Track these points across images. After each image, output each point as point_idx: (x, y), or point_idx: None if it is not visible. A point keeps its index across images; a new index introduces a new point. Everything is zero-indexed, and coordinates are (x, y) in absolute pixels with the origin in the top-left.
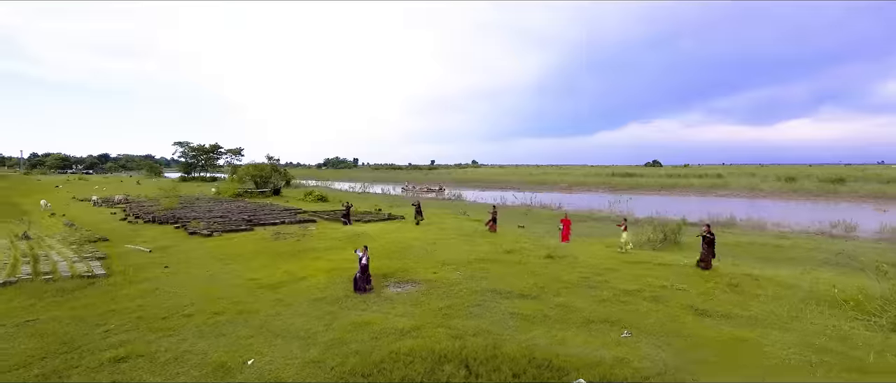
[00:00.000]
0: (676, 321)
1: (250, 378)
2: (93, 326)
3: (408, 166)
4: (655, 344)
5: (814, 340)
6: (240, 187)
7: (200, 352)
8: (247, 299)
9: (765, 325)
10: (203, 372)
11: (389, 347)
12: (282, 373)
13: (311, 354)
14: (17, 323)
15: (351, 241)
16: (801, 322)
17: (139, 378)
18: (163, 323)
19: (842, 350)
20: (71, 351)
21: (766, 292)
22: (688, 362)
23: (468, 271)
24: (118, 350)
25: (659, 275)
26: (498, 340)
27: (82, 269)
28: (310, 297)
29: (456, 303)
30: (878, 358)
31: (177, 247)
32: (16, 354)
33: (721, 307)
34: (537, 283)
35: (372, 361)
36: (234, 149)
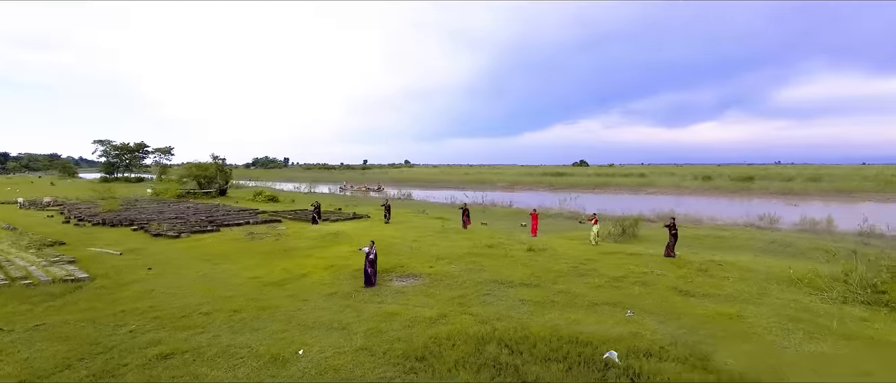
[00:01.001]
0: (667, 301)
1: (309, 367)
2: (112, 327)
3: (340, 166)
4: (658, 321)
5: (783, 312)
6: (181, 188)
7: (244, 346)
8: (259, 296)
9: (740, 301)
10: (260, 363)
11: (426, 333)
12: (337, 361)
13: (357, 343)
14: (26, 328)
15: (331, 240)
16: (768, 298)
17: (197, 371)
18: (185, 322)
19: (809, 318)
20: (106, 351)
21: (732, 275)
22: (690, 333)
23: (462, 264)
24: (158, 347)
25: (636, 264)
26: (521, 323)
27: (62, 274)
28: (321, 293)
29: (466, 293)
30: (841, 325)
31: (147, 249)
32: (49, 357)
33: (700, 288)
34: (532, 273)
35: (418, 346)
36: (163, 148)
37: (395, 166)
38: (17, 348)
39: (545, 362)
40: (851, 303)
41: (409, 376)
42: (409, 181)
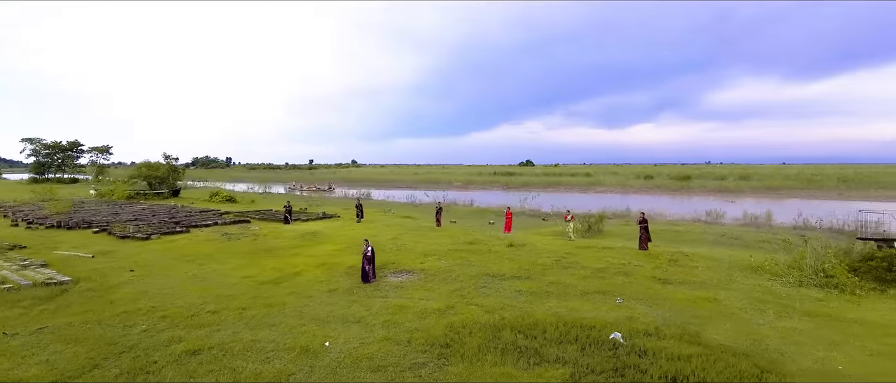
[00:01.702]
0: (650, 289)
1: (341, 356)
2: (122, 327)
3: (286, 166)
4: (646, 306)
5: (752, 294)
6: (130, 188)
7: (269, 340)
8: (261, 294)
9: (713, 287)
10: (292, 355)
11: (441, 323)
12: (366, 351)
13: (378, 334)
14: (29, 331)
15: (310, 239)
16: (736, 283)
17: (233, 365)
18: (197, 320)
19: (774, 300)
20: (127, 350)
21: (700, 264)
22: (676, 316)
23: (450, 260)
24: (181, 344)
25: (613, 256)
26: (525, 312)
27: (42, 277)
28: (321, 290)
29: (463, 286)
30: (802, 304)
31: (118, 251)
32: (71, 358)
33: (675, 276)
34: (520, 267)
35: (438, 335)
36: (100, 147)
37: (343, 166)
38: (30, 351)
39: (560, 344)
40: (806, 287)
41: (441, 361)
42: (360, 181)
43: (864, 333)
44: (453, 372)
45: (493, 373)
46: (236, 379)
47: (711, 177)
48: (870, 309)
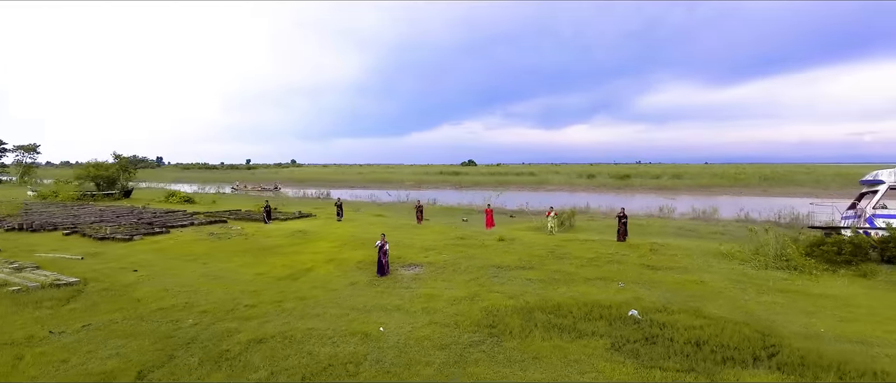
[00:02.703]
0: (642, 274)
1: (402, 339)
2: (169, 322)
3: (222, 165)
4: (645, 289)
5: (730, 277)
6: (77, 189)
7: (325, 328)
8: (286, 289)
9: (696, 271)
10: (356, 338)
11: (476, 308)
12: (421, 333)
13: (423, 319)
14: (74, 329)
15: (302, 237)
16: (714, 268)
17: (303, 349)
18: (240, 313)
19: (750, 280)
20: (190, 342)
21: (677, 253)
22: (674, 295)
23: (451, 254)
24: (241, 335)
25: (599, 248)
26: (544, 296)
27: (48, 280)
28: (342, 283)
29: (477, 277)
30: (774, 283)
31: (106, 253)
32: (138, 351)
33: (660, 263)
34: (519, 258)
35: (478, 318)
36: (27, 146)
37: (283, 166)
38: (91, 346)
39: (589, 321)
40: (771, 269)
41: (494, 339)
42: (308, 181)
43: (831, 304)
44: (510, 346)
45: (546, 346)
46: (318, 361)
47: (648, 175)
48: (828, 286)
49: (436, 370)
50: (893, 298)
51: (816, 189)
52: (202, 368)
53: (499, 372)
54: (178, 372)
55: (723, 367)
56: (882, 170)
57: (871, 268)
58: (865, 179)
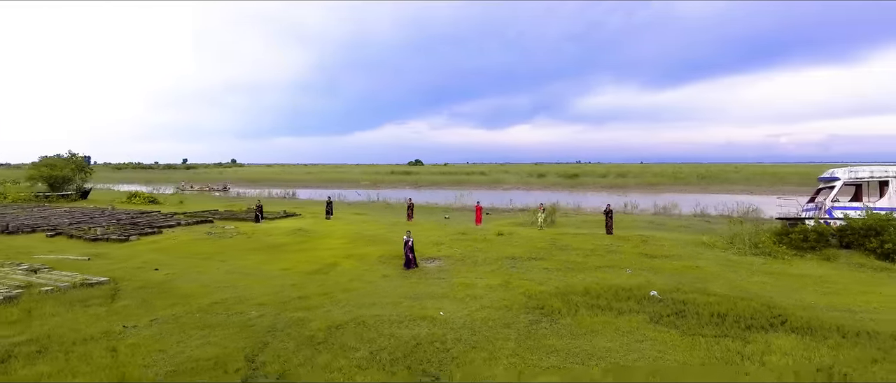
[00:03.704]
0: (643, 262)
1: (465, 321)
2: (234, 315)
3: (157, 165)
4: (651, 274)
5: (719, 262)
6: (30, 191)
7: (389, 314)
8: (325, 283)
9: (688, 259)
10: (425, 322)
11: (516, 294)
12: (480, 316)
13: (475, 305)
14: (145, 323)
15: (305, 236)
16: (702, 255)
17: (382, 331)
18: (296, 305)
19: (737, 265)
20: (270, 331)
21: (665, 244)
22: (679, 279)
23: (461, 248)
24: (316, 323)
25: (594, 240)
26: (568, 282)
27: (74, 280)
28: (375, 276)
29: (498, 267)
30: (757, 266)
31: (110, 253)
32: (228, 338)
33: (655, 252)
34: (527, 250)
35: (522, 302)
36: None
37: (224, 165)
38: (177, 336)
39: (620, 301)
40: (749, 255)
41: (549, 318)
42: (260, 181)
43: (811, 282)
44: (566, 323)
45: (596, 321)
46: (405, 342)
47: (594, 174)
48: (802, 268)
49: (515, 343)
50: (859, 276)
51: (749, 186)
52: (302, 350)
53: (570, 342)
54: (284, 355)
55: (749, 332)
56: (837, 169)
57: (833, 253)
58: (823, 176)
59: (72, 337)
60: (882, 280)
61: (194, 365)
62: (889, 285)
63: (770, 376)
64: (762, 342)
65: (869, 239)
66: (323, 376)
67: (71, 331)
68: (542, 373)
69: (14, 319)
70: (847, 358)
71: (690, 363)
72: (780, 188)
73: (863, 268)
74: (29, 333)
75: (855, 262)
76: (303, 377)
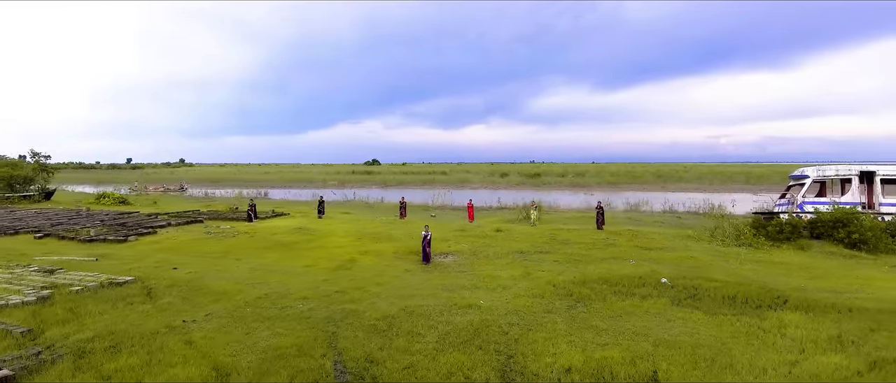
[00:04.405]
0: (643, 254)
1: (504, 309)
2: (285, 308)
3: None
4: (652, 264)
5: (708, 253)
6: None
7: (433, 304)
8: (356, 278)
9: (681, 250)
10: (471, 309)
11: (541, 283)
12: (516, 304)
13: (509, 294)
14: (199, 317)
15: (308, 234)
16: (692, 247)
17: (433, 320)
18: (338, 298)
19: (725, 255)
20: (329, 321)
21: (655, 237)
22: (679, 267)
23: (468, 244)
24: (367, 313)
25: (589, 235)
26: (583, 272)
27: (100, 279)
28: (398, 271)
29: (512, 260)
30: (744, 256)
31: (114, 254)
32: (296, 330)
33: (649, 245)
34: (531, 245)
35: (548, 290)
36: None
37: (173, 165)
38: (244, 329)
39: (638, 287)
40: (733, 246)
41: (583, 303)
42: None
43: (795, 269)
44: (599, 307)
45: (626, 305)
46: (463, 328)
47: (554, 174)
48: (781, 257)
49: (564, 325)
50: (834, 263)
51: (702, 184)
52: (373, 338)
53: (612, 323)
54: (359, 341)
55: (760, 311)
56: (807, 167)
57: (806, 243)
58: (794, 175)
59: (136, 332)
60: (854, 265)
61: (279, 352)
62: (861, 269)
63: (793, 344)
64: (775, 318)
65: (837, 230)
66: (407, 359)
67: (132, 327)
68: (602, 349)
69: (62, 318)
70: (849, 329)
71: (722, 337)
72: (729, 186)
73: (834, 255)
74: (90, 330)
75: (826, 251)
76: (387, 360)
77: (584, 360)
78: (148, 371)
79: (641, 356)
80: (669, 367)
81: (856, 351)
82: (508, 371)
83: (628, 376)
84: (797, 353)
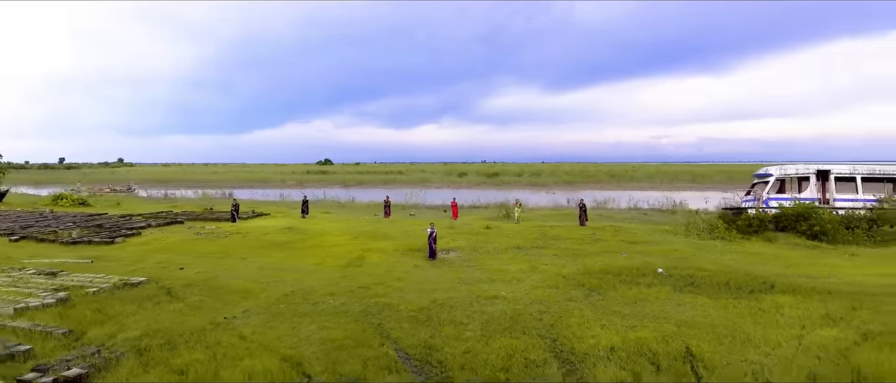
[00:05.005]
0: (631, 247)
1: (527, 298)
2: (319, 303)
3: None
4: (643, 257)
5: (689, 245)
6: None
7: (461, 297)
8: (372, 274)
9: (664, 244)
10: (498, 300)
11: (550, 275)
12: (534, 295)
13: (525, 286)
14: (236, 314)
15: (300, 233)
16: (671, 241)
17: (470, 309)
18: (363, 293)
19: (704, 247)
20: (367, 315)
21: (636, 232)
22: (667, 259)
23: (465, 241)
24: (402, 306)
25: (576, 230)
26: (583, 264)
27: (114, 281)
28: (407, 267)
29: (513, 255)
30: (721, 247)
31: (106, 256)
32: (341, 324)
33: (634, 239)
34: (526, 240)
35: (559, 281)
36: None
37: (110, 165)
38: (290, 324)
39: (640, 276)
40: (708, 239)
41: (597, 292)
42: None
43: (770, 258)
44: (614, 295)
45: (635, 292)
46: (498, 317)
47: (511, 173)
48: (753, 248)
49: (590, 311)
50: (800, 253)
51: (653, 183)
52: (420, 328)
53: (632, 308)
54: (408, 331)
55: (755, 294)
56: (770, 167)
57: (772, 235)
58: (758, 173)
59: (183, 330)
60: (819, 254)
61: (337, 343)
62: (826, 258)
63: (793, 321)
64: (770, 301)
65: (799, 223)
66: (462, 345)
67: (174, 325)
68: (633, 331)
69: (93, 319)
70: (835, 308)
71: (731, 317)
72: (676, 184)
73: (799, 246)
74: (134, 329)
75: (791, 242)
76: (444, 346)
77: (622, 340)
78: (218, 364)
79: (670, 335)
80: (699, 344)
81: (846, 326)
82: (559, 351)
83: (666, 353)
84: (799, 329)
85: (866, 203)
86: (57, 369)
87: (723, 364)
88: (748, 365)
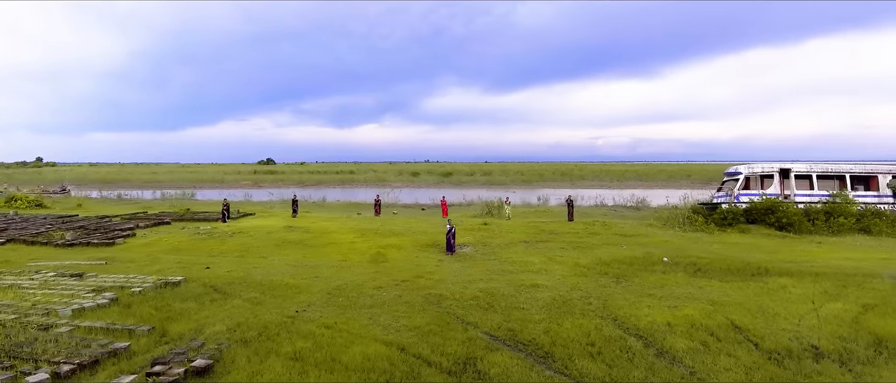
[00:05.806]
0: (627, 240)
1: (562, 286)
2: (373, 297)
3: None
4: (640, 248)
5: (675, 238)
6: None
7: (501, 286)
8: (402, 268)
9: (652, 236)
10: (537, 290)
11: (568, 267)
12: (570, 282)
13: (557, 275)
14: (297, 310)
15: (303, 232)
16: (657, 234)
17: (517, 300)
18: (405, 286)
19: (690, 238)
20: (430, 304)
21: (623, 226)
22: (662, 249)
23: (471, 236)
24: (454, 297)
25: (569, 226)
26: (594, 256)
27: (154, 281)
28: (433, 261)
29: (524, 249)
30: (705, 238)
31: (116, 257)
32: (414, 316)
33: (625, 232)
34: (527, 235)
35: (584, 271)
36: None
37: (28, 165)
38: (368, 314)
39: (652, 265)
40: (690, 232)
41: (624, 279)
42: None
43: (751, 247)
44: (640, 280)
45: (656, 278)
46: (547, 303)
47: (463, 173)
48: (733, 239)
49: (627, 294)
50: (774, 242)
51: (603, 181)
52: (490, 314)
53: (664, 291)
54: (482, 317)
55: (757, 277)
56: (740, 166)
57: (745, 227)
58: (728, 172)
59: (265, 322)
60: (791, 243)
61: (424, 329)
62: (798, 246)
63: (802, 297)
64: (774, 282)
65: (768, 215)
66: (537, 326)
67: (252, 318)
68: (679, 309)
69: (162, 316)
70: (828, 287)
71: (750, 296)
72: (624, 183)
73: (770, 236)
74: (217, 324)
75: (763, 233)
76: (522, 329)
77: (674, 317)
78: (327, 350)
79: (710, 312)
80: (739, 317)
81: (846, 300)
82: (627, 328)
83: (716, 325)
84: (810, 304)
85: (821, 198)
86: (175, 361)
87: (766, 333)
88: (786, 333)
